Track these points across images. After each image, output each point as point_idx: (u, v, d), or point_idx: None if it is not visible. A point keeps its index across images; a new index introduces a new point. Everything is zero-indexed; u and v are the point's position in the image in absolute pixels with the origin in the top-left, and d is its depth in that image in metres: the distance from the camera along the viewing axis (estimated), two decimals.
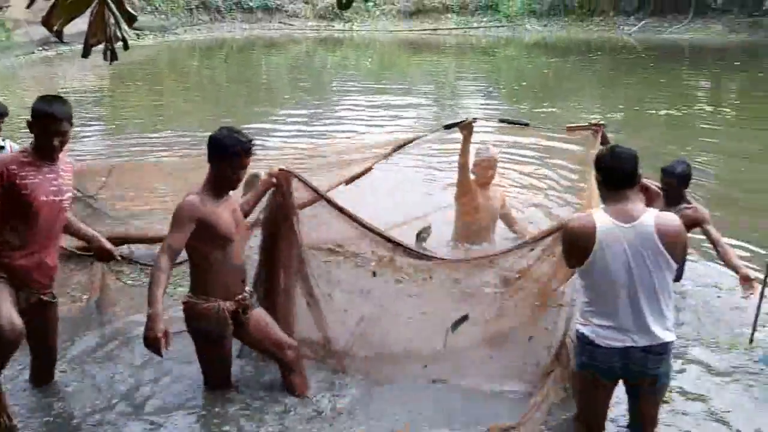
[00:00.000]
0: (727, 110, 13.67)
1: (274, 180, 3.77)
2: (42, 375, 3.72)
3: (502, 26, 30.92)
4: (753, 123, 12.43)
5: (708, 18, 28.54)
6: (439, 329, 3.84)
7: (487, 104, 14.97)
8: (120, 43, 3.25)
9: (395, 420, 3.51)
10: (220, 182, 3.38)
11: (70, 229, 3.64)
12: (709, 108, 13.86)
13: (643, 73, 19.15)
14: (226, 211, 3.39)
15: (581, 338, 3.09)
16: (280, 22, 31.42)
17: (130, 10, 3.05)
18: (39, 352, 3.66)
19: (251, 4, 31.29)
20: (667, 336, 2.99)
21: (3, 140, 4.91)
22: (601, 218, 2.97)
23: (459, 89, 17.36)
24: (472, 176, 5.21)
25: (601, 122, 4.82)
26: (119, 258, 3.94)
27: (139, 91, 15.86)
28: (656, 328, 2.96)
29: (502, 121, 5.80)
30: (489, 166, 5.26)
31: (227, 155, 3.32)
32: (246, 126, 11.24)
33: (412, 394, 3.74)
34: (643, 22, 29.60)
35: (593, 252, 2.93)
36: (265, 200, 3.87)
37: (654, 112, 13.07)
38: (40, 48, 20.78)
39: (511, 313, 3.89)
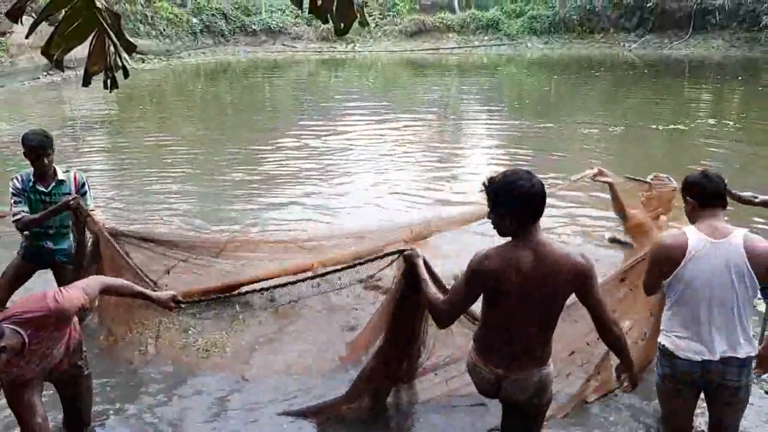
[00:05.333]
0: (731, 123, 13.67)
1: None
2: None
3: (503, 44, 31.13)
4: (756, 135, 12.47)
5: (707, 33, 28.72)
6: None
7: (490, 119, 15.01)
8: (120, 72, 3.27)
9: None
10: None
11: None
12: (712, 121, 13.87)
13: (644, 89, 19.20)
14: None
15: (662, 350, 3.17)
16: (283, 44, 31.67)
17: (129, 38, 3.07)
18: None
19: (255, 27, 31.62)
20: (745, 350, 3.03)
21: (64, 171, 4.50)
22: (692, 233, 3.06)
23: (462, 105, 17.40)
24: (640, 208, 4.94)
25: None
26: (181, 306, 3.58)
27: (146, 116, 15.94)
28: (734, 343, 3.01)
29: (627, 178, 5.67)
30: (670, 198, 4.91)
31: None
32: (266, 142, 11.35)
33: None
34: (644, 38, 29.77)
35: (682, 264, 3.01)
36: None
37: (655, 126, 13.08)
38: (46, 73, 20.97)
39: None
